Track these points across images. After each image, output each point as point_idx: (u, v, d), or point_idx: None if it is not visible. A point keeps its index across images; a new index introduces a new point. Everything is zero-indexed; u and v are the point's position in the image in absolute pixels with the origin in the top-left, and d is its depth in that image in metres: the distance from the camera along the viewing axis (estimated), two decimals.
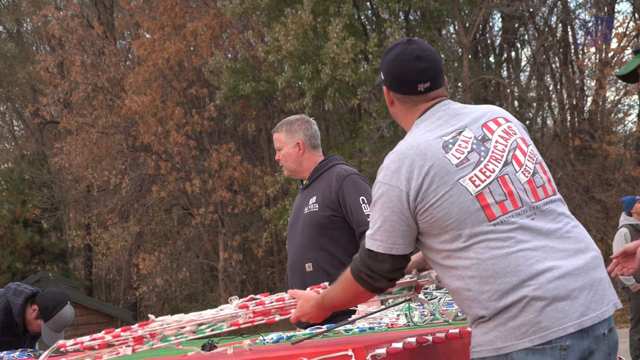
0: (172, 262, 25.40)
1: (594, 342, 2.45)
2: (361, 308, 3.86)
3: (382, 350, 2.33)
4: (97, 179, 25.14)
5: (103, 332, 3.00)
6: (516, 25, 24.54)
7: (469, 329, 2.83)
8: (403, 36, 21.58)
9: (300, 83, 21.12)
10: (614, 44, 22.46)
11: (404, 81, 2.65)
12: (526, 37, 25.30)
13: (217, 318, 3.02)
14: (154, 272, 24.61)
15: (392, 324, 3.41)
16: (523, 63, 25.95)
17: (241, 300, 3.06)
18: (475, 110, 2.66)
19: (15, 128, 34.17)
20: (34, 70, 27.74)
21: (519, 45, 25.57)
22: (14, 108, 32.43)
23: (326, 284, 3.07)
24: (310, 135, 4.66)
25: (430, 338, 2.61)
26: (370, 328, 3.31)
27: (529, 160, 2.58)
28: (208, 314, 3.05)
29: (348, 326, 3.31)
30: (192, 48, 24.75)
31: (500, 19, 25.11)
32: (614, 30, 22.31)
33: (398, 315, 3.48)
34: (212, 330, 3.04)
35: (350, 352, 2.25)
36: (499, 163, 2.52)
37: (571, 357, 2.41)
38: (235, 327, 3.04)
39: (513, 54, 25.83)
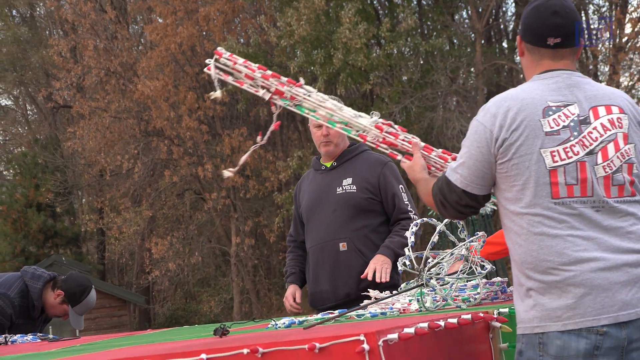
0: (185, 247, 25.45)
1: (633, 332, 2.43)
2: (373, 293, 3.87)
3: (394, 336, 2.33)
4: (109, 164, 25.17)
5: (257, 65, 3.05)
6: None
7: (495, 314, 2.83)
8: (416, 21, 21.47)
9: (312, 68, 21.05)
10: (628, 28, 22.31)
11: (536, 32, 2.64)
12: None
13: (351, 122, 3.07)
14: (166, 256, 24.67)
15: (404, 310, 3.42)
16: None
17: (381, 120, 3.09)
18: (594, 90, 2.63)
19: (28, 112, 34.26)
20: (47, 55, 27.74)
21: None
22: (27, 92, 32.49)
23: (449, 159, 3.07)
24: None
25: (442, 323, 2.61)
26: (382, 313, 3.32)
27: (618, 158, 2.53)
28: (347, 112, 3.08)
29: (360, 311, 3.32)
30: (204, 33, 24.69)
31: (513, 4, 24.94)
32: (628, 15, 22.15)
33: (410, 301, 3.49)
34: (342, 128, 3.09)
35: (362, 337, 2.26)
36: (584, 149, 2.51)
37: (607, 343, 2.40)
38: (361, 140, 3.10)
39: None
